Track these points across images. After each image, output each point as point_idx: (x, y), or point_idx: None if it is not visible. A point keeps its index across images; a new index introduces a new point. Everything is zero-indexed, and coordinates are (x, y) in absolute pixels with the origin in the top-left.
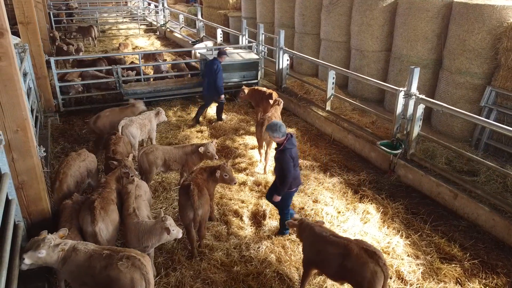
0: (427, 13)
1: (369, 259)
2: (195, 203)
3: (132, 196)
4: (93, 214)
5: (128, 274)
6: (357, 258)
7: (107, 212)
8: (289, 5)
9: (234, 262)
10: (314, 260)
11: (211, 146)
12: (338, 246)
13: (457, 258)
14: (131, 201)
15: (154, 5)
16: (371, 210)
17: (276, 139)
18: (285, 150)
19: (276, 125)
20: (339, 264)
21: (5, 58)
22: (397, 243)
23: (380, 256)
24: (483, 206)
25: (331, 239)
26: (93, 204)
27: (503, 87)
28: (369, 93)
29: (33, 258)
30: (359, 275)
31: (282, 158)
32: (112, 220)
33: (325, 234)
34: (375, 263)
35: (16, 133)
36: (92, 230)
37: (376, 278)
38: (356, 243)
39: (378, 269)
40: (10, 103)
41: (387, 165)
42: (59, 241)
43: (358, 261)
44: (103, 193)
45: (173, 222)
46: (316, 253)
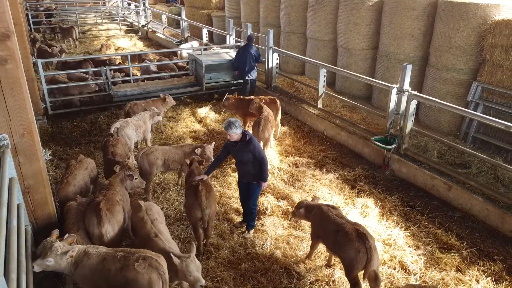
0: (413, 11)
1: (356, 238)
2: (203, 203)
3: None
4: (99, 216)
5: (145, 275)
6: (346, 235)
7: (113, 214)
8: (274, 4)
9: (241, 259)
10: (320, 235)
11: (208, 148)
12: (336, 224)
13: (455, 247)
14: (148, 227)
15: (135, 5)
16: (370, 204)
17: (234, 136)
18: (252, 138)
19: (235, 121)
20: (334, 239)
21: (11, 60)
22: (397, 235)
23: (368, 239)
24: (476, 196)
25: (333, 218)
26: (99, 206)
27: (489, 82)
28: (356, 90)
29: (42, 266)
30: (344, 251)
31: (255, 145)
32: (118, 221)
33: (330, 214)
34: (361, 243)
35: (22, 137)
36: (99, 232)
37: (358, 257)
38: (352, 224)
39: (362, 249)
40: (17, 106)
41: (381, 160)
42: (67, 248)
43: (346, 238)
44: (108, 194)
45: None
46: (323, 230)
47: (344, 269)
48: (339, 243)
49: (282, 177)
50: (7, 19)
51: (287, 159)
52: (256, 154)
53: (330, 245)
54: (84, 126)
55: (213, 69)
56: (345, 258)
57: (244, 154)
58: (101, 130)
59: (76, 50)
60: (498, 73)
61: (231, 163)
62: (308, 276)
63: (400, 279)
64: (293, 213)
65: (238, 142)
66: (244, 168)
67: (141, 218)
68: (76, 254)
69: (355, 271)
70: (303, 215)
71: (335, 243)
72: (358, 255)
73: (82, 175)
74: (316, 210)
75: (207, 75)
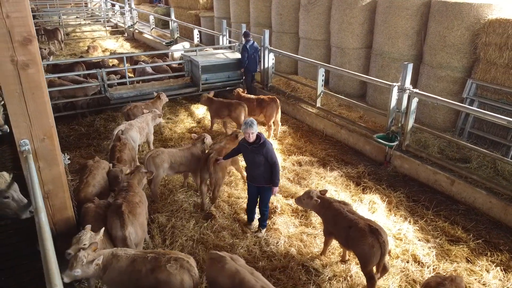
0: (406, 11)
1: (369, 233)
2: (210, 169)
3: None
4: (122, 219)
5: (178, 276)
6: (359, 231)
7: (135, 216)
8: (265, 4)
9: (257, 258)
10: (332, 231)
11: (208, 137)
12: (348, 220)
13: (462, 239)
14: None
15: (119, 6)
16: (377, 200)
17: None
18: (266, 141)
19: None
20: (347, 235)
21: (33, 65)
22: (407, 229)
23: (381, 233)
24: (480, 190)
25: (345, 215)
26: (121, 208)
27: (483, 79)
28: (350, 88)
29: (71, 277)
30: (358, 246)
31: (269, 148)
32: (140, 223)
33: (342, 211)
34: (374, 238)
35: (42, 142)
36: (122, 235)
37: (372, 251)
38: (364, 220)
39: (376, 244)
40: (38, 111)
41: (383, 156)
42: (93, 256)
43: (359, 234)
44: (128, 196)
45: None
46: (335, 226)
47: (360, 264)
48: (352, 238)
49: (287, 176)
50: (29, 23)
51: (290, 158)
52: (269, 158)
53: (342, 241)
54: (81, 129)
55: (209, 70)
56: (360, 254)
57: (256, 156)
58: (99, 133)
59: (62, 52)
60: (492, 71)
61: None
62: (326, 272)
63: (415, 271)
64: (298, 199)
65: (251, 144)
66: (255, 170)
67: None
68: (104, 259)
69: (370, 265)
70: (312, 205)
71: (348, 239)
72: (372, 250)
73: (101, 175)
74: (328, 206)
75: (203, 76)
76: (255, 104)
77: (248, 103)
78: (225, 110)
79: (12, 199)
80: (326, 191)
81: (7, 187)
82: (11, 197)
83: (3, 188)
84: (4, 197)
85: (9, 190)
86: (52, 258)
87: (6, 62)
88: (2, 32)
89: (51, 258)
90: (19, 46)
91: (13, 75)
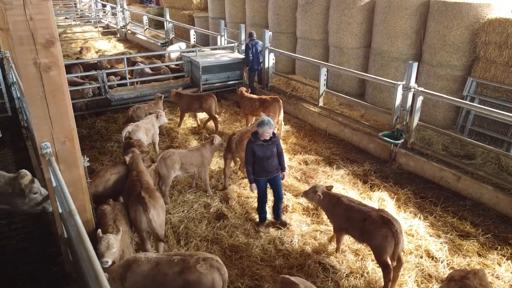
0: (405, 11)
1: (383, 224)
2: (232, 148)
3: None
4: (144, 203)
5: (209, 276)
6: (373, 222)
7: (155, 200)
8: (261, 4)
9: (273, 256)
10: (344, 226)
11: (217, 137)
12: (362, 213)
13: (472, 234)
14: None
15: (111, 6)
16: (385, 197)
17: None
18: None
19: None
20: (361, 228)
21: (55, 67)
22: (418, 225)
23: (394, 224)
24: (486, 185)
25: (358, 208)
26: (141, 194)
27: (483, 77)
28: (349, 87)
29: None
30: (372, 237)
31: (278, 139)
32: (160, 205)
33: (354, 204)
34: (387, 229)
35: (63, 144)
36: (146, 218)
37: (387, 241)
38: (377, 211)
39: (389, 234)
40: (59, 113)
41: (387, 154)
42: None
43: (373, 226)
44: (143, 184)
45: None
46: (347, 220)
47: (374, 254)
48: (367, 231)
49: (294, 175)
50: (52, 25)
51: (296, 157)
52: (279, 147)
53: (356, 234)
54: (82, 131)
55: (209, 70)
56: (374, 245)
57: (271, 150)
58: (101, 135)
59: None
60: (492, 69)
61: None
62: (342, 269)
63: (429, 266)
64: (305, 193)
65: (267, 140)
66: (270, 163)
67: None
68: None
69: (385, 255)
70: (317, 200)
71: (363, 231)
72: (386, 240)
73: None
74: (336, 202)
75: (203, 76)
76: (258, 104)
77: (250, 103)
78: (196, 102)
79: (40, 194)
80: (332, 186)
81: (33, 182)
82: (39, 192)
83: (33, 185)
84: (34, 192)
85: (35, 185)
86: (97, 261)
87: (29, 65)
88: (26, 35)
89: (95, 260)
90: (42, 48)
91: (36, 77)
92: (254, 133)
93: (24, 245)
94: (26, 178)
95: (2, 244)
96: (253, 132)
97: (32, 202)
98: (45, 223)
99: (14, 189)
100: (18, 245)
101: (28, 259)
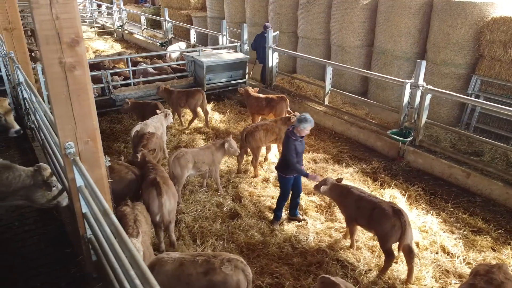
0: (409, 10)
1: (393, 214)
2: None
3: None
4: (159, 188)
5: (234, 276)
6: (383, 211)
7: (168, 186)
8: (261, 4)
9: (290, 254)
10: (355, 216)
11: (232, 141)
12: (372, 203)
13: (484, 229)
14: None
15: (106, 6)
16: (397, 194)
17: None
18: None
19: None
20: (370, 216)
21: (79, 67)
22: (431, 221)
23: (403, 214)
24: (496, 182)
25: (369, 198)
26: (156, 179)
27: (487, 75)
28: (352, 86)
29: None
30: (380, 225)
31: None
32: (173, 193)
33: (364, 195)
34: (396, 217)
35: (86, 144)
36: (159, 202)
37: (393, 230)
38: (386, 202)
39: (397, 224)
40: (82, 113)
41: (395, 152)
42: None
43: (382, 214)
44: (158, 171)
45: None
46: (357, 209)
47: (379, 241)
48: (375, 219)
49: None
50: (77, 24)
51: (304, 156)
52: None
53: (364, 223)
54: None
55: (212, 70)
56: (381, 232)
57: (304, 146)
58: (107, 136)
59: None
60: (496, 67)
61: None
62: (360, 265)
63: (446, 262)
64: (316, 186)
65: (302, 137)
66: (300, 160)
67: None
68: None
69: (389, 243)
70: (328, 192)
71: (371, 219)
72: (393, 229)
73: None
74: (347, 193)
75: (207, 76)
76: (264, 104)
77: (257, 102)
78: (184, 98)
79: (56, 188)
80: (342, 179)
81: (52, 175)
82: (56, 186)
83: (52, 178)
84: (53, 186)
85: (54, 178)
86: (141, 259)
87: (54, 64)
88: (52, 34)
89: (139, 258)
90: (67, 47)
91: (61, 77)
92: (292, 130)
93: (40, 246)
94: (47, 170)
95: (18, 246)
96: (291, 129)
97: (50, 195)
98: (58, 224)
99: (35, 182)
100: (34, 246)
101: (45, 260)
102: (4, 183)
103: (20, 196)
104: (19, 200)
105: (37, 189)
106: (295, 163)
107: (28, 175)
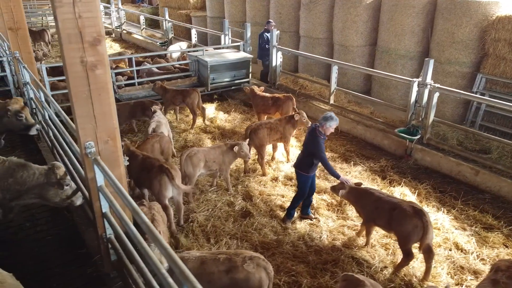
0: (412, 9)
1: (414, 214)
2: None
3: None
4: (169, 172)
5: (256, 274)
6: (404, 212)
7: (176, 170)
8: (262, 3)
9: (305, 253)
10: (373, 217)
11: (245, 145)
12: (392, 203)
13: (495, 226)
14: None
15: (104, 6)
16: (407, 192)
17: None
18: None
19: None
20: (389, 216)
21: (101, 66)
22: (443, 219)
23: (425, 214)
24: (505, 179)
25: (388, 199)
26: (164, 166)
27: (492, 73)
28: (355, 85)
29: None
30: (401, 225)
31: None
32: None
33: (383, 196)
34: (418, 218)
35: (106, 143)
36: (172, 185)
37: (415, 231)
38: (406, 202)
39: (419, 225)
40: (103, 112)
41: (402, 150)
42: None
43: (403, 214)
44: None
45: None
46: (376, 210)
47: (399, 241)
48: (396, 219)
49: None
50: (100, 23)
51: None
52: None
53: (383, 223)
54: None
55: (216, 70)
56: (402, 232)
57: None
58: None
59: (51, 54)
60: (501, 65)
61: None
62: (376, 263)
63: (460, 258)
64: (333, 187)
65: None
66: None
67: None
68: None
69: (410, 243)
70: (346, 196)
71: (391, 219)
72: (415, 229)
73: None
74: (365, 194)
75: (211, 75)
76: (271, 103)
77: (263, 102)
78: (179, 97)
79: (70, 187)
80: (361, 183)
81: (66, 174)
82: (70, 185)
83: (66, 177)
84: (66, 184)
85: (68, 177)
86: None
87: (76, 63)
88: (74, 33)
89: (175, 256)
90: (89, 46)
91: (82, 76)
92: (318, 129)
93: (54, 247)
94: (61, 169)
95: (31, 246)
96: (318, 128)
97: (63, 194)
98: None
99: (48, 180)
100: (48, 247)
101: (60, 261)
102: (19, 182)
103: (34, 194)
104: (33, 198)
105: (50, 188)
106: (327, 161)
107: (42, 173)
